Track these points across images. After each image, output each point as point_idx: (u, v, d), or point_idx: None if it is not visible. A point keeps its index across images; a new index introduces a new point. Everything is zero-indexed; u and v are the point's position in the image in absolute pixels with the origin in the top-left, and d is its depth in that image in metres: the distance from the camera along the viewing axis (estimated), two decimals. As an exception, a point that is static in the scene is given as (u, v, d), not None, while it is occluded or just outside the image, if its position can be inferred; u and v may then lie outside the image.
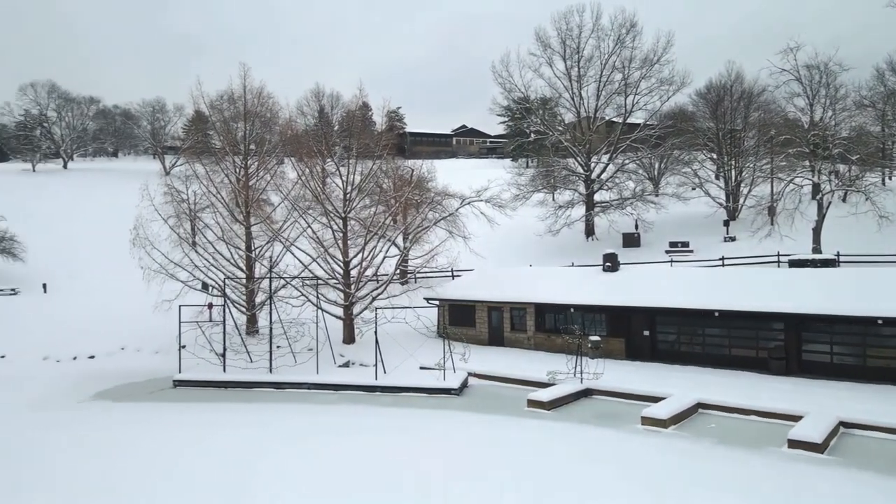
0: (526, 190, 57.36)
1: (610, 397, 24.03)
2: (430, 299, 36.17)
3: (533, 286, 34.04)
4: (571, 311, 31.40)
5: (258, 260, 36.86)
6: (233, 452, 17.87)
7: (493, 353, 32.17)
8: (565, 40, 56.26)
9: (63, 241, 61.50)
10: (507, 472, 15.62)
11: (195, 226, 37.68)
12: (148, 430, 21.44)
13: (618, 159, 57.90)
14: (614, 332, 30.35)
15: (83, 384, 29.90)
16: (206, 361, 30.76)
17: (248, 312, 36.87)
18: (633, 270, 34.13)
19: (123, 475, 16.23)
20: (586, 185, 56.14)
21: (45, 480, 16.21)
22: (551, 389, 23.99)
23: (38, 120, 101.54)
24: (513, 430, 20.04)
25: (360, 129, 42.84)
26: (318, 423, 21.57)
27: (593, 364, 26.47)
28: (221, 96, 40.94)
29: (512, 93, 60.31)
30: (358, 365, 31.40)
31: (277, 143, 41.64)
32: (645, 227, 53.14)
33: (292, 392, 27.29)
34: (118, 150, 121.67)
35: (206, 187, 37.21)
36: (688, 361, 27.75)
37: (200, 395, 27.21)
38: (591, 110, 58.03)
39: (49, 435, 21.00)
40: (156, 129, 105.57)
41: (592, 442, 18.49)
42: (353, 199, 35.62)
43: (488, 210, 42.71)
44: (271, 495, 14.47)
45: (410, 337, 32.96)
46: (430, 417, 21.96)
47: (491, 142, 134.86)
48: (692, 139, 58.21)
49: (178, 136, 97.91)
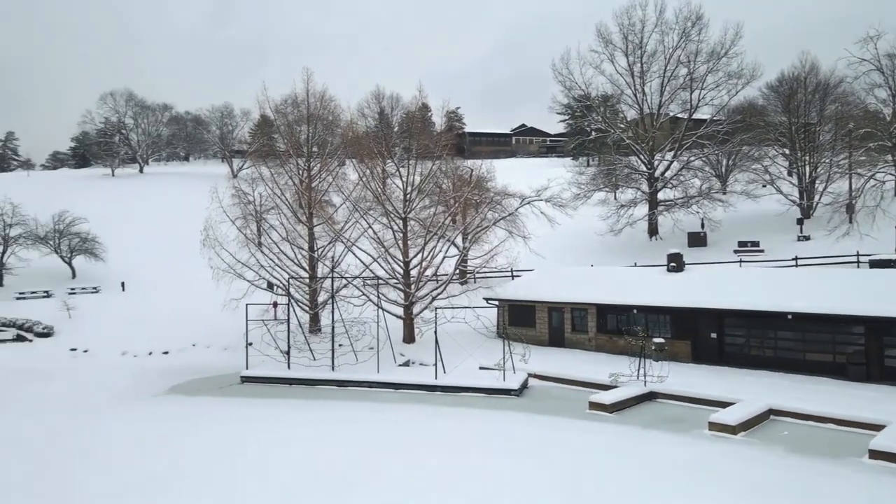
0: (587, 189, 56.40)
1: (675, 401, 23.31)
2: (490, 299, 36.06)
3: (594, 286, 33.45)
4: (634, 312, 30.68)
5: (321, 260, 37.68)
6: (297, 446, 18.35)
7: (554, 354, 31.80)
8: (627, 36, 55.04)
9: (139, 241, 64.59)
10: (569, 474, 15.39)
11: (261, 227, 38.87)
12: (217, 423, 22.26)
13: (683, 156, 56.12)
14: (679, 334, 29.47)
15: (158, 378, 31.34)
16: (271, 358, 31.68)
17: (311, 311, 37.73)
18: (700, 271, 33.05)
19: (193, 465, 16.92)
20: (650, 184, 54.75)
21: (121, 468, 17.06)
22: (614, 392, 23.49)
23: (117, 127, 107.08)
24: (574, 432, 19.73)
25: (420, 130, 43.18)
26: (379, 421, 21.86)
27: (657, 367, 25.73)
28: (285, 100, 42.04)
29: (572, 90, 59.40)
30: (418, 364, 31.64)
31: (339, 145, 42.43)
32: (712, 227, 51.33)
33: (354, 390, 27.74)
34: (189, 155, 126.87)
35: (270, 189, 38.33)
36: (758, 365, 26.62)
37: (266, 391, 28.02)
38: (654, 106, 56.53)
39: (128, 427, 22.11)
40: (224, 134, 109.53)
41: (657, 447, 17.97)
42: (412, 199, 35.92)
43: (548, 209, 42.31)
44: (333, 488, 14.74)
45: (470, 337, 32.96)
46: (489, 418, 21.86)
47: (551, 140, 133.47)
48: (763, 134, 55.82)
49: (244, 140, 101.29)
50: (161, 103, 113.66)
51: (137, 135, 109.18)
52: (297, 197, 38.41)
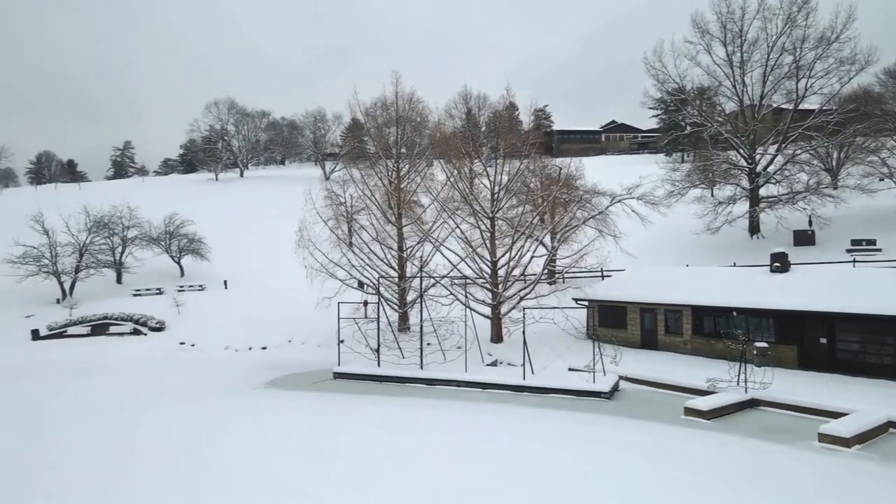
0: (681, 186, 54.20)
1: (779, 409, 21.90)
2: (579, 300, 35.36)
3: (690, 287, 32.05)
4: (734, 314, 29.13)
5: (409, 259, 38.30)
6: (386, 443, 18.69)
7: (646, 357, 30.74)
8: (726, 24, 52.31)
9: (240, 241, 68.27)
10: (663, 482, 14.79)
11: (352, 227, 40.04)
12: (311, 417, 23.08)
13: (788, 149, 52.70)
14: (784, 338, 27.69)
15: (257, 373, 33.01)
16: (361, 356, 32.55)
17: (400, 310, 38.43)
18: (807, 271, 30.91)
19: (287, 458, 17.59)
20: (750, 179, 51.84)
21: (222, 457, 18.01)
22: (712, 398, 22.35)
23: (220, 134, 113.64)
24: (669, 438, 18.94)
25: (507, 129, 42.94)
26: (467, 421, 21.90)
27: (759, 372, 24.30)
28: (375, 103, 43.05)
29: (665, 84, 57.15)
30: (506, 364, 31.50)
31: (427, 146, 42.96)
32: (820, 224, 47.89)
33: (442, 389, 27.95)
34: (285, 158, 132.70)
35: (361, 190, 39.37)
36: (875, 374, 24.56)
37: (357, 387, 28.75)
38: (755, 97, 53.43)
39: (231, 416, 23.35)
40: (317, 138, 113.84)
41: (760, 458, 16.92)
42: (500, 198, 35.83)
43: (640, 208, 41.02)
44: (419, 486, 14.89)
45: (558, 337, 32.48)
46: (579, 421, 21.40)
47: (642, 137, 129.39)
48: (880, 124, 51.44)
49: (336, 143, 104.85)
50: (259, 110, 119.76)
51: (238, 141, 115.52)
52: (387, 198, 39.22)
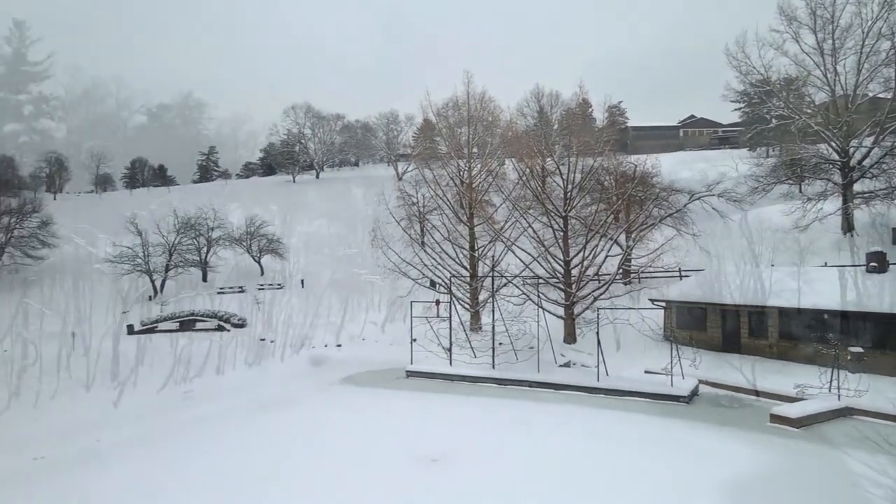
0: (766, 182, 51.61)
1: (877, 419, 20.48)
2: (656, 300, 34.29)
3: (776, 287, 30.45)
4: (825, 316, 27.47)
5: (481, 259, 38.28)
6: (459, 441, 18.75)
7: (728, 360, 29.43)
8: (816, 10, 49.36)
9: (316, 241, 70.28)
10: (748, 494, 14.12)
11: (424, 227, 40.45)
12: (385, 414, 23.50)
13: (885, 141, 49.26)
14: (882, 343, 25.84)
15: (332, 369, 33.86)
16: (433, 354, 32.78)
17: (472, 310, 38.46)
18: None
19: (363, 453, 17.93)
20: (843, 174, 48.72)
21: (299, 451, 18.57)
22: (801, 405, 21.16)
23: (297, 137, 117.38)
24: (753, 447, 18.04)
25: (581, 127, 42.23)
26: (538, 423, 21.66)
27: (854, 379, 22.80)
28: (447, 104, 43.34)
29: (749, 76, 54.48)
30: (579, 365, 30.93)
31: (498, 145, 42.84)
32: (924, 221, 44.60)
33: (513, 389, 27.75)
34: (359, 160, 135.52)
35: (433, 191, 39.70)
36: None
37: (430, 385, 28.97)
38: (849, 87, 50.22)
39: (306, 412, 24.05)
40: (390, 139, 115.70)
41: (858, 471, 15.88)
42: (573, 197, 35.25)
43: (721, 205, 39.39)
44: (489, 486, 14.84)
45: (634, 339, 31.63)
46: (656, 425, 20.76)
47: (723, 131, 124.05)
48: None
49: (408, 144, 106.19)
50: (334, 113, 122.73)
51: (314, 144, 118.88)
52: (458, 197, 39.37)
